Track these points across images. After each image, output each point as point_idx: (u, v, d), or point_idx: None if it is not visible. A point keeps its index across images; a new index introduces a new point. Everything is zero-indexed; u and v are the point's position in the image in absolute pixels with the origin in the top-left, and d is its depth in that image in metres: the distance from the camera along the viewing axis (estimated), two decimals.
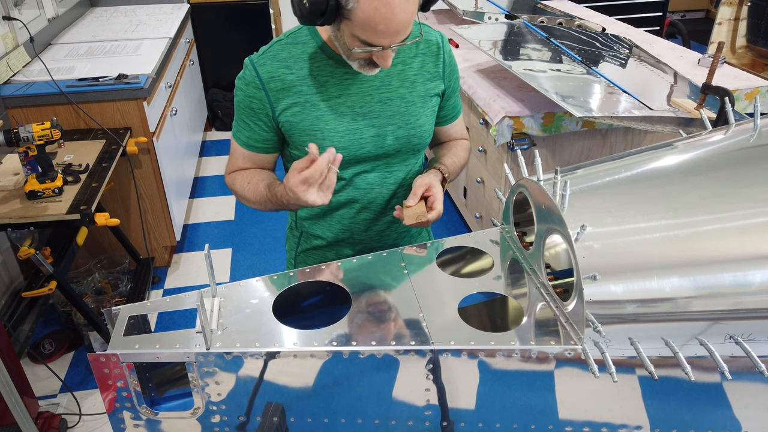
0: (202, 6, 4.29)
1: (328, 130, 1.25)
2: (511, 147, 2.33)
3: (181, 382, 1.13)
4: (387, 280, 1.12)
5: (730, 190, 1.02)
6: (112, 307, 1.04)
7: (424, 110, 1.31)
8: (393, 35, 1.09)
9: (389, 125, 1.28)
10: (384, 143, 1.29)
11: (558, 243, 1.15)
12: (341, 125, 1.26)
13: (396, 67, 1.28)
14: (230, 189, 1.37)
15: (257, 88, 1.24)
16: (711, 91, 1.93)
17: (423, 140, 1.34)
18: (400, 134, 1.29)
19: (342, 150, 1.25)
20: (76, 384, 2.36)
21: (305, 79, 1.24)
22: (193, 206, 3.64)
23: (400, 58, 1.29)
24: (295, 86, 1.24)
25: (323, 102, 1.25)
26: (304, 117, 1.25)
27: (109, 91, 2.60)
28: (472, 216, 3.04)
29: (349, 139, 1.26)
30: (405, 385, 0.98)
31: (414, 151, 1.34)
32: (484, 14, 3.30)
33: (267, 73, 1.24)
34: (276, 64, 1.24)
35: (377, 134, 1.28)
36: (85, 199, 2.12)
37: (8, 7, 2.75)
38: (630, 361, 0.96)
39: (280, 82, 1.24)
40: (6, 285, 2.59)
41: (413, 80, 1.30)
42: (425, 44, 1.31)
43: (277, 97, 1.24)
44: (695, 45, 5.59)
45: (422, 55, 1.31)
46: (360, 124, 1.27)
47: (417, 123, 1.30)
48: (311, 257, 1.47)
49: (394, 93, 1.28)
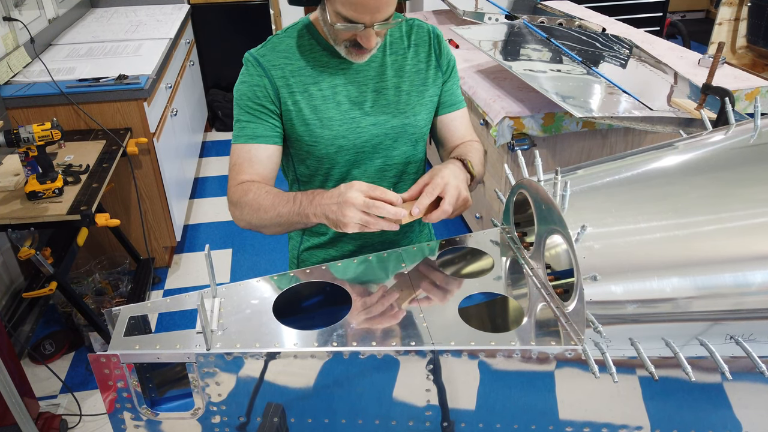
0: (203, 6, 4.29)
1: (327, 119, 1.28)
2: (511, 147, 2.33)
3: (182, 383, 1.13)
4: (387, 280, 1.12)
5: (730, 190, 1.02)
6: (112, 308, 1.04)
7: (419, 99, 1.33)
8: (374, 11, 1.12)
9: (384, 114, 1.30)
10: (381, 132, 1.31)
11: (558, 243, 1.15)
12: (339, 114, 1.28)
13: (390, 57, 1.32)
14: (236, 202, 1.26)
15: (261, 76, 1.26)
16: (711, 91, 1.93)
17: (419, 129, 1.35)
18: (396, 123, 1.31)
19: (341, 138, 1.28)
20: (76, 384, 2.36)
21: (303, 69, 1.27)
22: (194, 207, 3.64)
23: (394, 49, 1.32)
24: (294, 76, 1.27)
25: (320, 91, 1.27)
26: (304, 106, 1.27)
27: (110, 91, 2.60)
28: (473, 216, 3.04)
29: (347, 128, 1.28)
30: (405, 385, 0.98)
31: (411, 142, 1.36)
32: (484, 15, 3.30)
33: (268, 62, 1.27)
34: (276, 54, 1.28)
35: (374, 123, 1.30)
36: (86, 200, 2.12)
37: (8, 7, 2.75)
38: (630, 362, 0.96)
39: (281, 71, 1.27)
40: (6, 285, 2.59)
41: (407, 70, 1.32)
42: (417, 34, 1.35)
43: (278, 84, 1.27)
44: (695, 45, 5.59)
45: (415, 46, 1.34)
46: (357, 113, 1.29)
47: (412, 112, 1.32)
48: (314, 256, 1.47)
49: (388, 82, 1.31)
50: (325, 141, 1.29)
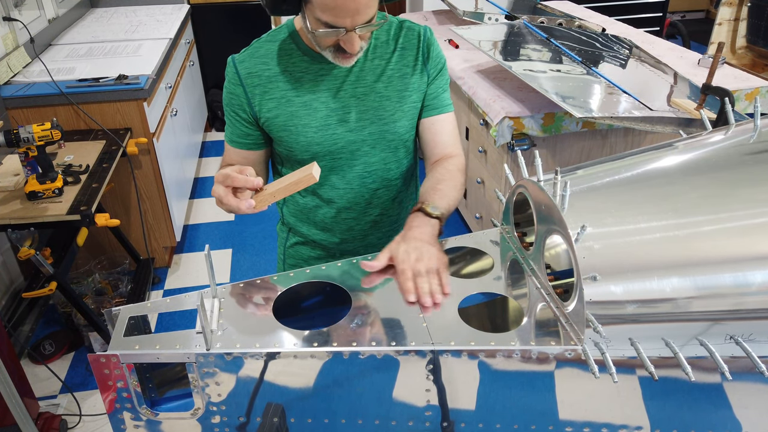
0: (202, 7, 4.29)
1: (302, 126, 1.28)
2: (511, 147, 2.33)
3: (182, 383, 1.13)
4: (387, 280, 1.12)
5: (730, 190, 1.02)
6: (112, 308, 1.04)
7: (400, 106, 1.31)
8: (353, 14, 1.11)
9: (362, 120, 1.29)
10: (357, 138, 1.30)
11: (558, 243, 1.15)
12: (315, 121, 1.28)
13: (372, 62, 1.29)
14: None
15: (236, 85, 1.29)
16: (711, 91, 1.93)
17: (398, 136, 1.33)
18: (374, 129, 1.30)
19: (316, 145, 1.29)
20: (76, 385, 2.36)
21: (281, 75, 1.27)
22: (194, 207, 3.64)
23: (378, 53, 1.30)
24: (271, 82, 1.27)
25: (298, 98, 1.27)
26: (280, 113, 1.28)
27: (110, 91, 2.60)
28: (472, 216, 3.04)
29: (322, 134, 1.28)
30: (405, 385, 0.98)
31: (391, 149, 1.34)
32: (484, 15, 3.30)
33: (245, 70, 1.28)
34: (254, 60, 1.28)
35: (350, 129, 1.29)
36: (86, 200, 2.12)
37: (8, 7, 2.75)
38: (630, 362, 0.96)
39: (258, 78, 1.27)
40: (6, 286, 2.59)
41: (390, 75, 1.30)
42: (405, 37, 1.31)
43: (254, 93, 1.28)
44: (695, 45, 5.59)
45: (401, 49, 1.31)
46: (332, 119, 1.28)
47: (391, 118, 1.30)
48: (299, 252, 1.49)
49: (368, 88, 1.29)
50: (300, 147, 1.29)
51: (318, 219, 1.41)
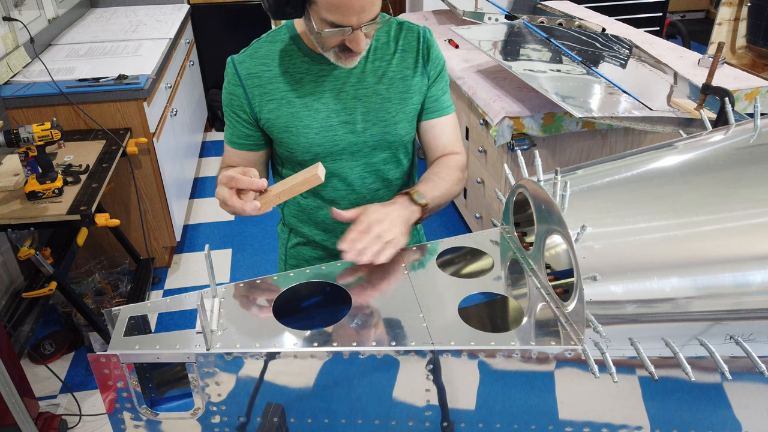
0: (202, 6, 4.29)
1: (302, 127, 1.27)
2: (511, 147, 2.33)
3: (182, 383, 1.13)
4: (387, 280, 1.12)
5: (730, 190, 1.02)
6: (112, 308, 1.04)
7: (402, 108, 1.31)
8: (359, 12, 1.10)
9: (363, 122, 1.29)
10: (359, 140, 1.30)
11: (558, 243, 1.15)
12: (315, 122, 1.27)
13: (373, 64, 1.29)
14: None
15: (236, 85, 1.28)
16: (711, 91, 1.93)
17: (399, 138, 1.33)
18: (375, 131, 1.30)
19: (317, 146, 1.29)
20: (76, 384, 2.36)
21: (282, 76, 1.27)
22: (194, 207, 3.64)
23: (378, 55, 1.30)
24: (271, 83, 1.27)
25: (298, 99, 1.27)
26: (281, 114, 1.27)
27: (109, 91, 2.61)
28: (472, 216, 3.04)
29: (323, 136, 1.28)
30: (405, 385, 0.98)
31: (391, 149, 1.34)
32: (484, 15, 3.30)
33: (245, 71, 1.27)
34: (254, 61, 1.28)
35: (351, 131, 1.29)
36: (85, 200, 2.12)
37: (8, 7, 2.75)
38: (630, 362, 0.96)
39: (258, 79, 1.27)
40: (6, 285, 2.59)
41: (391, 77, 1.30)
42: (405, 38, 1.31)
43: (254, 94, 1.27)
44: (695, 45, 5.59)
45: (402, 51, 1.31)
46: (333, 121, 1.28)
47: (392, 120, 1.30)
48: (301, 252, 1.49)
49: (369, 89, 1.29)
50: (301, 149, 1.29)
51: (319, 220, 1.41)
